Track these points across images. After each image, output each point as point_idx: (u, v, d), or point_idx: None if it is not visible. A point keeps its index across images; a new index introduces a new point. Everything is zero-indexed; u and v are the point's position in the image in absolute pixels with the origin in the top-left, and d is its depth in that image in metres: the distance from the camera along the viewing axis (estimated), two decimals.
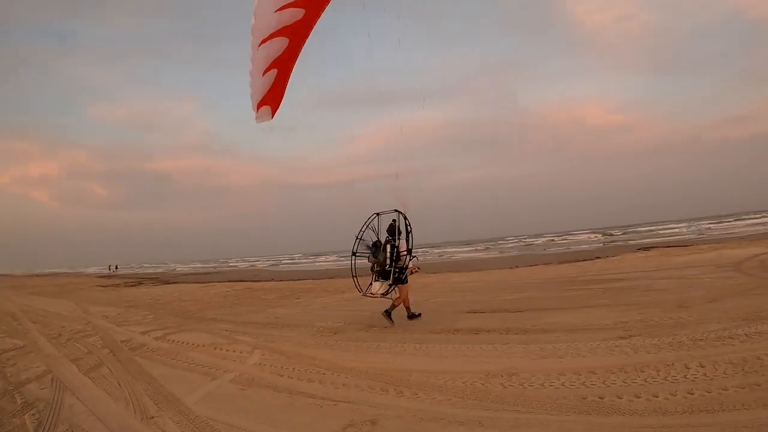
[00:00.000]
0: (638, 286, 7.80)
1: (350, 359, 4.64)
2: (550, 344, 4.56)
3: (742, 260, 9.56)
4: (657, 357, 3.86)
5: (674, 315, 5.31)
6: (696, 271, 8.79)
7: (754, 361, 3.47)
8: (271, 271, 30.02)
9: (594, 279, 9.35)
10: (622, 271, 10.22)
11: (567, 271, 11.69)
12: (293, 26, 4.50)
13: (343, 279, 13.47)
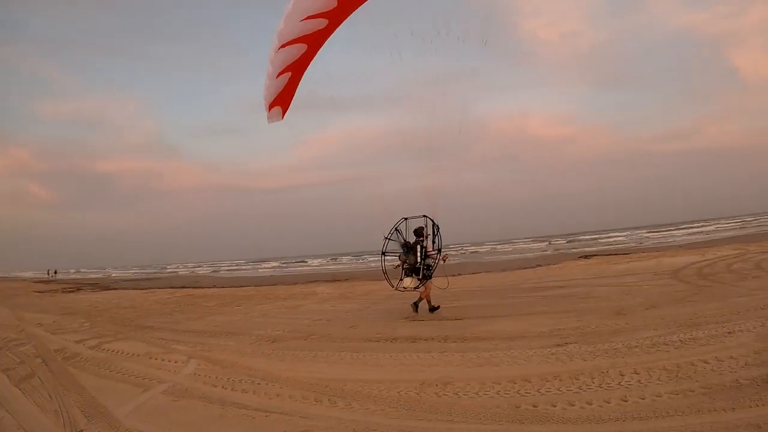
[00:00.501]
0: (577, 293, 11.90)
1: (286, 369, 7.14)
2: (488, 352, 6.93)
3: (679, 268, 14.93)
4: (592, 364, 5.98)
5: (611, 322, 8.24)
6: (635, 279, 13.62)
7: (688, 368, 5.56)
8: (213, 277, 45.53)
9: (534, 287, 14.03)
10: (562, 279, 15.35)
11: (508, 278, 17.53)
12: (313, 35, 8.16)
13: (285, 286, 22.73)
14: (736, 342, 6.26)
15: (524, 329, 8.26)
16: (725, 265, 14.72)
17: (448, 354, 7.08)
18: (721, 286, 10.87)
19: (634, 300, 10.19)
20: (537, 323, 8.65)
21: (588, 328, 7.88)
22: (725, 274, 12.71)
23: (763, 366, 5.26)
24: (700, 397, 4.70)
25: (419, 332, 8.85)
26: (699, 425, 4.12)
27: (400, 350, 7.62)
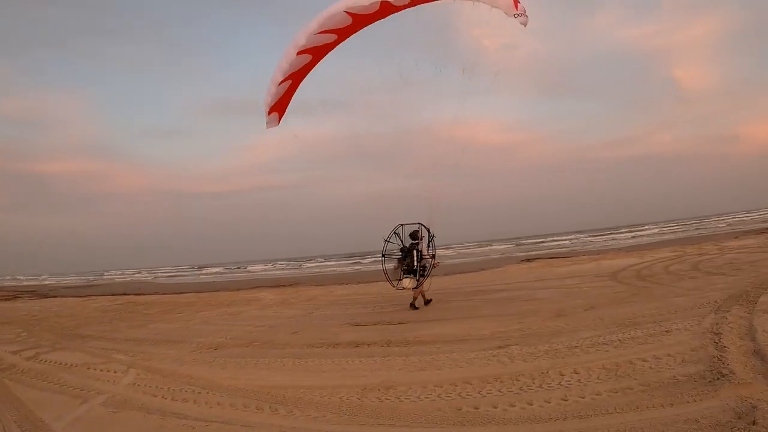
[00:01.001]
0: (519, 296, 12.48)
1: (227, 377, 7.32)
2: (429, 356, 7.25)
3: (618, 270, 15.66)
4: (533, 365, 6.21)
5: (552, 324, 8.56)
6: (575, 281, 14.29)
7: (627, 366, 5.84)
8: (154, 283, 44.50)
9: (477, 290, 14.71)
10: (504, 282, 15.94)
11: (451, 282, 17.88)
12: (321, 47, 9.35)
13: (227, 292, 23.40)
14: (674, 340, 6.59)
15: (467, 332, 8.61)
16: (663, 266, 15.50)
17: (391, 358, 7.41)
18: (659, 287, 11.44)
19: (574, 302, 10.60)
20: (479, 326, 9.02)
21: (529, 330, 8.23)
22: (663, 276, 13.40)
23: (699, 363, 5.56)
24: (639, 394, 4.92)
25: (362, 337, 9.21)
26: (638, 422, 4.30)
27: (343, 356, 7.92)
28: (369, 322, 10.87)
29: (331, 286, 21.88)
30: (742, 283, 10.20)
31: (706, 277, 12.12)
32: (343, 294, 17.92)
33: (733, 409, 4.22)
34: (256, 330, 11.34)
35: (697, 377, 5.13)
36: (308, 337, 9.85)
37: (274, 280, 32.87)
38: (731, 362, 5.39)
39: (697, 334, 6.68)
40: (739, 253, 16.55)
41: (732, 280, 10.91)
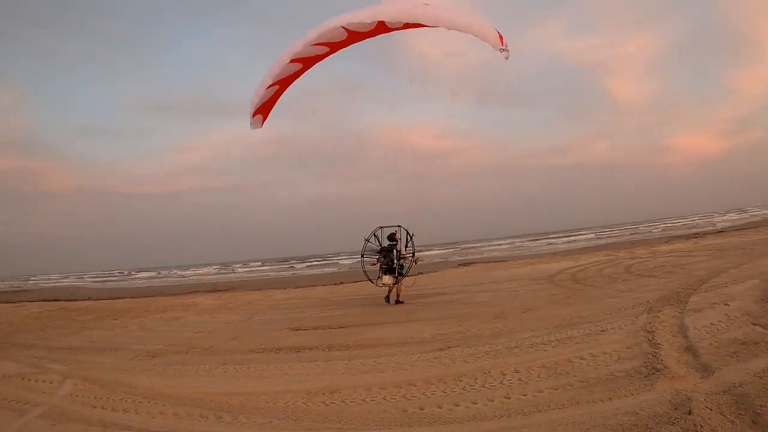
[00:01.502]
0: (458, 299, 13.00)
1: (169, 385, 7.24)
2: (372, 359, 7.43)
3: (554, 273, 16.43)
4: (474, 366, 6.42)
5: (491, 325, 8.86)
6: (513, 285, 14.86)
7: (566, 364, 6.14)
8: (88, 288, 44.04)
9: (415, 294, 14.71)
10: (442, 286, 16.50)
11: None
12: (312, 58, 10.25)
13: (164, 297, 23.31)
14: (609, 339, 6.94)
15: (407, 335, 8.86)
16: (597, 270, 16.27)
17: (333, 362, 7.52)
18: (594, 289, 12.01)
19: (512, 304, 11.00)
20: (420, 329, 9.27)
21: (469, 332, 8.49)
22: (597, 278, 14.07)
23: (635, 359, 5.89)
24: (578, 390, 5.16)
25: (303, 342, 9.28)
26: (579, 416, 4.53)
27: (285, 361, 8.00)
28: (309, 326, 10.98)
29: (269, 291, 22.20)
30: (672, 284, 10.83)
31: (639, 279, 12.81)
32: (282, 298, 18.18)
33: (670, 401, 4.50)
34: (195, 336, 11.27)
35: (633, 373, 5.43)
36: (249, 342, 9.88)
37: (211, 284, 32.69)
38: (665, 358, 5.74)
39: (632, 333, 7.07)
40: (670, 257, 17.57)
41: (663, 282, 11.56)
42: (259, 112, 11.38)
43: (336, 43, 10.28)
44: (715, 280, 10.70)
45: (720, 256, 15.61)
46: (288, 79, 10.99)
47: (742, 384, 4.70)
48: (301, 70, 10.86)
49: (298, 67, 10.72)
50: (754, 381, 4.75)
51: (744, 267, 12.23)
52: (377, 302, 13.58)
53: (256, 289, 23.62)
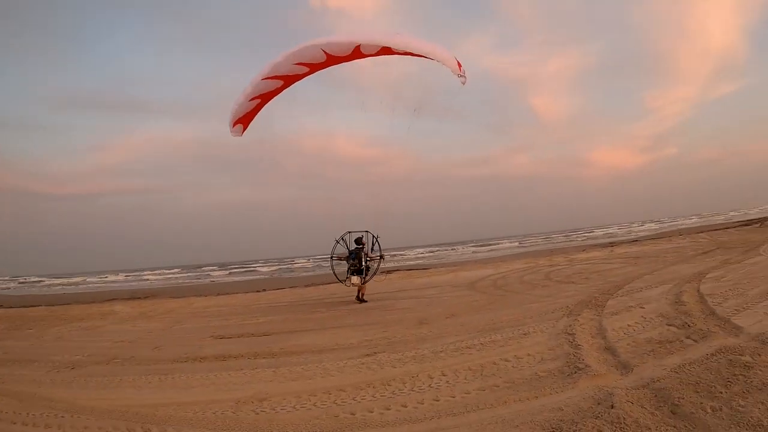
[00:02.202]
0: (382, 306, 13.38)
1: (91, 397, 7.02)
2: (299, 366, 7.52)
3: (475, 280, 17.36)
4: (402, 370, 6.60)
5: (416, 331, 9.10)
6: (435, 291, 15.46)
7: (491, 366, 6.43)
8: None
9: (340, 300, 15.40)
10: (366, 293, 16.05)
11: (314, 293, 19.20)
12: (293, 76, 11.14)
13: (80, 305, 22.49)
14: (532, 341, 7.31)
15: (333, 342, 9.02)
16: (517, 277, 17.00)
17: (260, 370, 7.52)
18: (515, 295, 12.55)
19: (435, 310, 11.35)
20: (345, 335, 9.47)
21: (395, 338, 8.69)
22: (517, 285, 14.70)
23: (557, 360, 6.24)
24: (505, 390, 5.41)
25: (227, 350, 9.25)
26: (507, 414, 4.75)
27: (210, 370, 7.91)
28: (233, 334, 10.99)
29: (190, 298, 21.96)
30: (590, 290, 11.53)
31: (558, 285, 13.51)
32: (203, 306, 18.06)
33: (593, 397, 4.81)
34: (115, 346, 10.90)
35: (556, 372, 5.76)
36: (172, 351, 9.69)
37: (129, 292, 31.59)
38: (586, 357, 6.12)
39: (553, 335, 7.48)
40: (587, 264, 18.69)
41: (581, 287, 12.27)
42: (240, 122, 12.18)
43: (315, 64, 11.16)
44: (631, 285, 11.49)
45: (635, 263, 16.77)
46: (269, 94, 11.78)
47: (659, 379, 5.10)
48: (282, 86, 11.67)
49: (279, 84, 11.54)
50: (671, 376, 5.17)
51: (657, 273, 13.21)
52: (299, 309, 13.80)
53: (176, 297, 23.29)
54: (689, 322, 7.27)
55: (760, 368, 5.09)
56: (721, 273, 11.81)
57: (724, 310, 7.76)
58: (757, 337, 6.15)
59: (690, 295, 9.28)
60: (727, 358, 5.51)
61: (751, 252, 16.02)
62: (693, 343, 6.25)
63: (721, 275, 11.47)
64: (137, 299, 24.10)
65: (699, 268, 13.26)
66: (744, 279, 10.51)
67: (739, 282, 10.19)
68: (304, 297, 17.89)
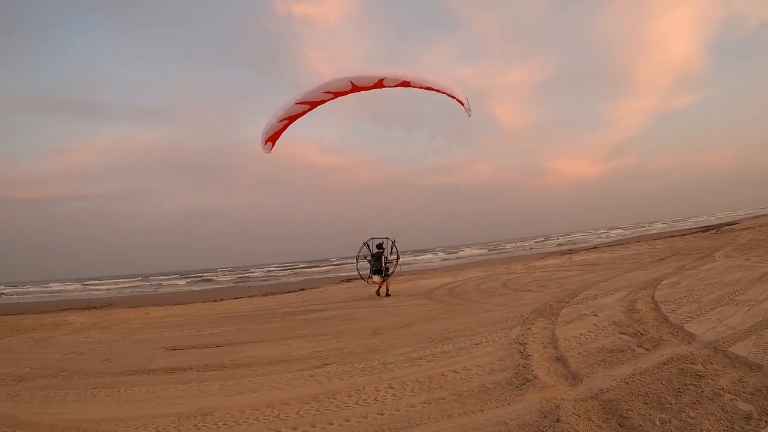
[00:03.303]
0: (337, 315, 13.49)
1: (34, 411, 6.87)
2: (247, 379, 7.42)
3: (432, 289, 17.75)
4: (349, 383, 6.47)
5: (368, 341, 9.02)
6: (391, 300, 15.47)
7: (439, 378, 6.30)
8: None
9: (296, 310, 15.71)
10: (323, 302, 17.14)
11: (270, 302, 19.53)
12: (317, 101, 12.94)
13: (33, 315, 22.55)
14: (483, 352, 7.23)
15: (284, 353, 8.96)
16: (474, 285, 17.14)
17: (207, 383, 7.41)
18: (470, 304, 12.56)
19: (390, 320, 11.30)
20: (297, 346, 9.41)
21: (347, 349, 8.59)
22: (474, 293, 14.76)
23: (507, 371, 6.13)
24: (451, 403, 5.27)
25: (177, 362, 9.10)
26: (451, 428, 4.61)
27: (157, 383, 7.78)
28: (185, 345, 10.86)
29: (147, 308, 21.97)
30: (546, 297, 11.59)
31: (514, 293, 13.56)
32: (159, 316, 17.99)
33: (539, 410, 4.68)
34: (65, 358, 10.70)
35: (504, 384, 5.64)
36: (121, 364, 9.54)
37: (86, 301, 31.11)
38: (535, 368, 6.02)
39: (504, 345, 7.40)
40: (545, 272, 18.95)
41: (537, 295, 12.34)
42: (270, 140, 13.87)
43: (340, 92, 12.66)
44: (586, 292, 11.57)
45: (592, 271, 17.03)
46: (295, 116, 13.36)
47: (608, 390, 5.02)
48: (307, 110, 13.25)
49: (305, 108, 13.15)
50: (621, 386, 5.09)
51: (613, 280, 13.37)
52: (255, 319, 13.85)
53: (133, 306, 23.20)
54: (642, 330, 7.28)
55: (711, 377, 5.05)
56: (677, 279, 12.03)
57: (677, 318, 7.82)
58: (710, 345, 6.15)
59: (644, 303, 9.35)
60: (678, 368, 5.48)
61: (707, 258, 16.45)
62: (645, 352, 6.22)
63: (676, 282, 11.68)
64: (93, 309, 24.01)
65: (655, 274, 13.51)
66: (698, 285, 10.69)
67: (694, 288, 10.35)
68: (261, 307, 17.93)
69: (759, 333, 6.49)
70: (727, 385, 4.80)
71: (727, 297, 9.07)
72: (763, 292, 9.08)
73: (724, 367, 5.36)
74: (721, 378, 5.03)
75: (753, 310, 7.85)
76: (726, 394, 4.59)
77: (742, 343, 6.13)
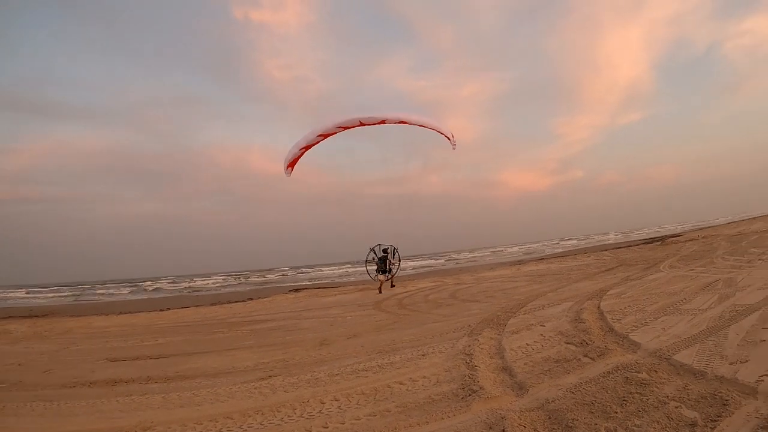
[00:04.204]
0: (284, 326, 13.36)
1: None
2: (190, 391, 7.27)
3: (381, 299, 17.62)
4: (294, 395, 6.38)
5: (315, 353, 8.91)
6: (339, 310, 15.34)
7: (385, 390, 6.25)
8: None
9: (243, 320, 15.45)
10: (271, 312, 16.87)
11: (218, 312, 19.28)
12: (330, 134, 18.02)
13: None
14: (429, 363, 7.20)
15: (230, 364, 8.82)
16: (423, 295, 17.17)
17: (150, 396, 7.23)
18: (418, 314, 12.55)
19: (337, 330, 11.20)
20: (243, 358, 9.27)
21: (293, 360, 8.45)
22: (422, 304, 14.76)
23: (453, 382, 6.11)
24: (396, 415, 5.21)
25: (120, 374, 8.87)
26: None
27: (99, 396, 7.56)
28: (128, 356, 10.56)
29: (91, 317, 21.43)
30: (493, 308, 11.66)
31: (462, 304, 13.63)
32: (103, 326, 17.52)
33: (484, 421, 4.66)
34: (3, 369, 10.35)
35: (450, 395, 5.61)
36: (62, 375, 9.21)
37: (28, 309, 30.06)
38: (481, 379, 6.02)
39: (451, 356, 7.40)
40: (493, 283, 19.17)
41: (485, 306, 12.41)
42: (290, 166, 18.12)
43: (349, 127, 16.76)
44: (534, 303, 11.70)
45: (540, 281, 17.29)
46: (311, 145, 17.49)
47: (554, 400, 5.04)
48: (321, 140, 17.41)
49: (320, 139, 17.32)
50: (566, 396, 5.13)
51: (560, 290, 13.59)
52: (201, 330, 13.70)
53: (75, 315, 22.69)
54: (587, 340, 7.38)
55: (656, 385, 5.15)
56: (622, 290, 12.29)
57: (622, 327, 7.97)
58: (655, 353, 6.29)
59: (590, 313, 9.51)
60: (623, 376, 5.57)
61: (652, 269, 16.92)
62: (590, 362, 6.30)
63: (621, 292, 11.93)
64: (34, 317, 23.16)
65: (601, 285, 13.78)
66: (643, 295, 10.96)
67: (639, 298, 10.60)
68: (207, 316, 17.60)
69: (702, 341, 6.67)
70: (671, 393, 4.90)
71: (671, 306, 9.31)
72: (706, 302, 9.35)
73: (668, 374, 5.48)
74: (665, 386, 5.13)
75: (696, 318, 8.07)
76: (671, 402, 4.67)
77: (686, 351, 6.28)
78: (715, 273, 13.46)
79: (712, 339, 6.74)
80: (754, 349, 6.09)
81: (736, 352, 6.03)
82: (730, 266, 14.62)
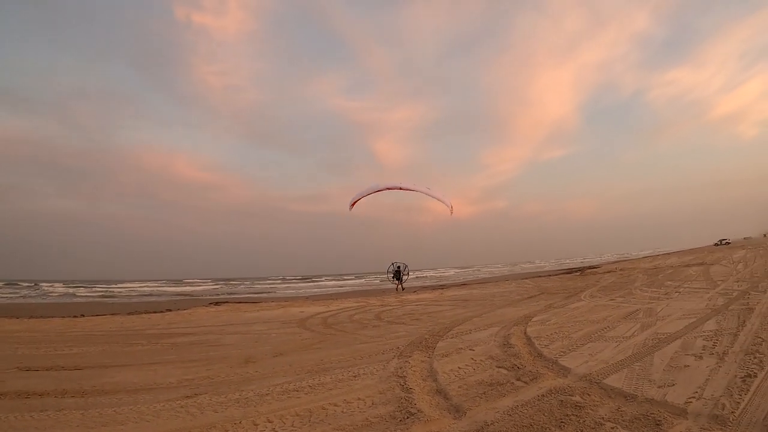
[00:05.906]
0: (207, 340, 12.97)
1: None
2: (111, 408, 6.79)
3: (306, 318, 17.56)
4: (224, 416, 6.13)
5: (241, 370, 8.66)
6: (263, 327, 15.12)
7: (320, 411, 6.16)
8: None
9: (162, 333, 14.82)
10: (191, 325, 16.33)
11: (135, 323, 18.28)
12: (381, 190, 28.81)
13: None
14: (362, 384, 7.18)
15: (151, 380, 8.39)
16: (348, 315, 17.16)
17: (67, 412, 6.65)
18: (345, 334, 12.54)
19: (262, 348, 11.00)
20: (165, 373, 8.87)
21: (218, 378, 8.17)
22: (348, 324, 14.76)
23: (389, 404, 6.11)
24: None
25: (32, 386, 8.15)
26: None
27: (10, 410, 6.89)
28: (42, 366, 9.81)
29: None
30: (420, 331, 11.81)
31: (388, 325, 13.74)
32: (12, 330, 16.31)
33: None
34: None
35: (388, 418, 5.60)
36: None
37: None
38: (418, 402, 6.06)
39: (384, 378, 7.41)
40: (417, 306, 19.47)
41: (411, 328, 12.56)
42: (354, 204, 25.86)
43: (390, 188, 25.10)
44: (460, 327, 11.94)
45: (464, 306, 17.69)
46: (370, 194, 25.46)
47: (493, 422, 5.16)
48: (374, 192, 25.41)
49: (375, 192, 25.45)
50: (505, 419, 5.25)
51: (485, 316, 13.94)
52: (118, 340, 13.18)
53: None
54: (518, 364, 7.60)
55: (590, 408, 5.38)
56: (547, 317, 12.77)
57: (551, 352, 8.27)
58: (585, 378, 6.57)
59: (518, 338, 9.80)
60: (558, 399, 5.77)
61: (573, 298, 17.67)
62: (524, 385, 6.48)
63: (546, 318, 12.40)
64: None
65: (525, 311, 14.25)
66: (568, 322, 11.42)
67: (564, 325, 11.05)
68: (124, 326, 16.74)
69: (630, 366, 7.04)
70: (606, 415, 5.14)
71: (596, 333, 9.76)
72: (629, 330, 9.86)
73: (601, 397, 5.74)
74: (599, 408, 5.37)
75: (621, 345, 8.50)
76: (607, 423, 4.89)
77: (615, 376, 6.60)
78: (635, 303, 14.23)
79: (638, 364, 7.12)
80: (680, 373, 6.51)
81: (663, 377, 6.41)
82: (648, 297, 15.52)
